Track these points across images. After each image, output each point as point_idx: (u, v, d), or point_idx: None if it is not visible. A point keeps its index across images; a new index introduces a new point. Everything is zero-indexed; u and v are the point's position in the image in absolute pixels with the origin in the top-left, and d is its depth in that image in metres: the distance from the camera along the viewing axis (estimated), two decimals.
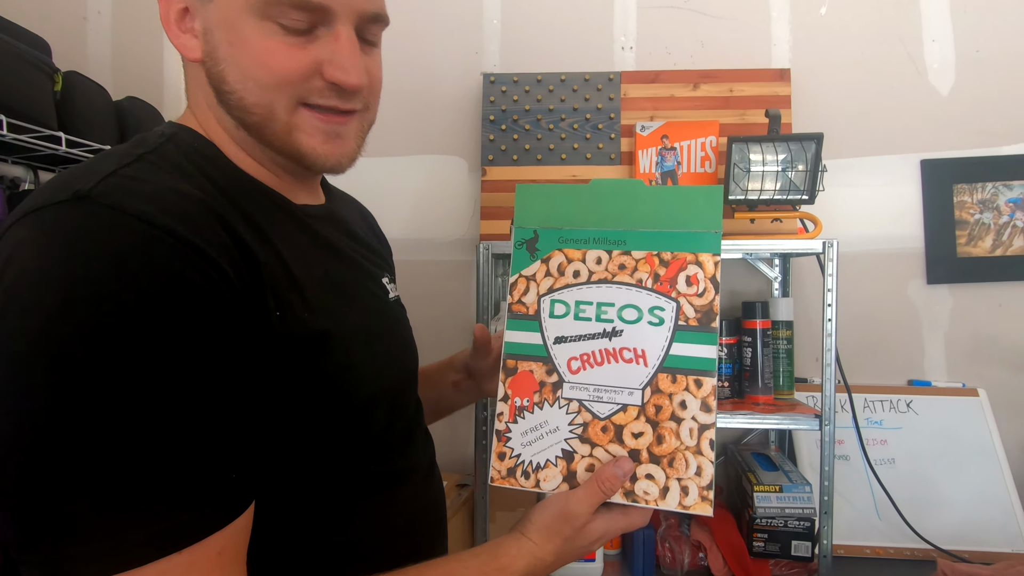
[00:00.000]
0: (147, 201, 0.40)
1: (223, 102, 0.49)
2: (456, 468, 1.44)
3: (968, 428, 1.29)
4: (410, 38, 1.48)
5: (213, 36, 0.47)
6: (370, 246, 0.66)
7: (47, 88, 0.92)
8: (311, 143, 0.50)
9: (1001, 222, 1.34)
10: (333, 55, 0.48)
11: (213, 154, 0.49)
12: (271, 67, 0.47)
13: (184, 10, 0.49)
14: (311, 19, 0.47)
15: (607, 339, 0.47)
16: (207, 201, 0.43)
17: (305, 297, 0.47)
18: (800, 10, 1.39)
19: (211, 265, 0.40)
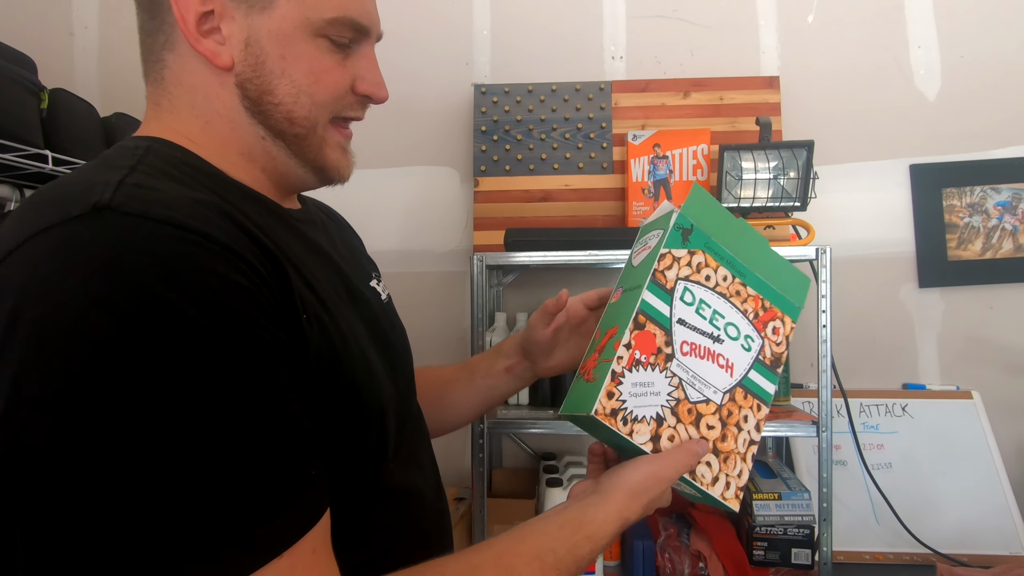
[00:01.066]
0: (170, 207, 0.38)
1: (260, 112, 0.49)
2: (452, 481, 1.43)
3: (963, 431, 1.30)
4: (401, 49, 1.48)
5: (260, 47, 0.47)
6: (353, 248, 0.66)
7: (33, 106, 0.91)
8: (334, 156, 0.53)
9: (990, 225, 1.36)
10: (365, 71, 0.52)
11: (198, 164, 0.48)
12: (327, 84, 0.49)
13: (207, 14, 0.47)
14: (352, 37, 0.50)
15: (711, 341, 0.55)
16: (220, 205, 0.42)
17: (321, 299, 0.47)
18: (787, 18, 1.41)
19: (250, 268, 0.39)
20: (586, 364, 0.55)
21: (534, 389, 1.27)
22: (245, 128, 0.50)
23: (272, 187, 0.53)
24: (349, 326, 0.49)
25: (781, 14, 1.41)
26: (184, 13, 0.46)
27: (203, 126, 0.49)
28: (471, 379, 0.75)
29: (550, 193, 1.38)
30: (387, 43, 1.66)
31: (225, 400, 0.36)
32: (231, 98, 0.49)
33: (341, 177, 0.55)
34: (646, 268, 0.55)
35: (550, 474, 1.24)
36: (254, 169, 0.51)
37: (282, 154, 0.51)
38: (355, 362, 0.48)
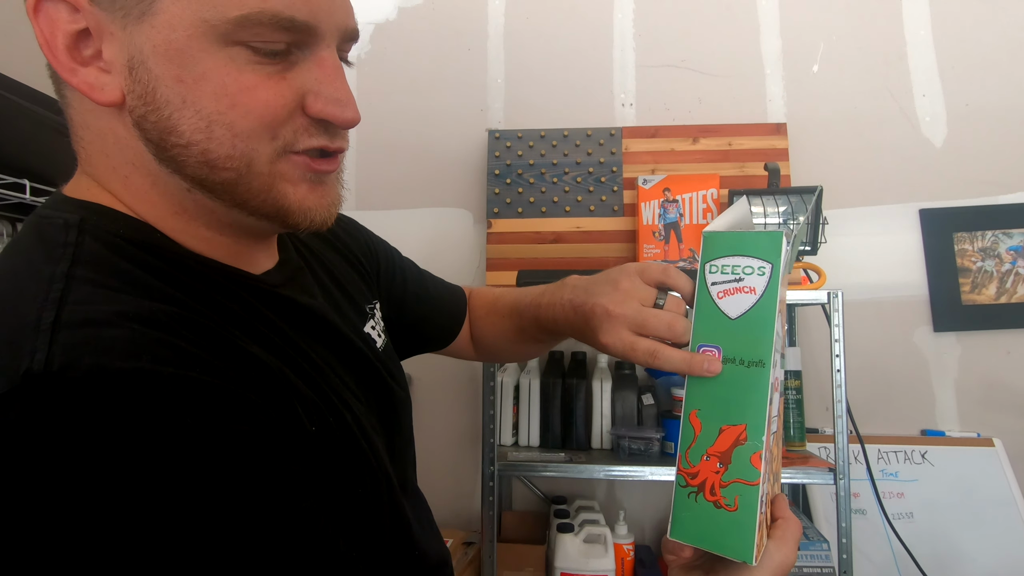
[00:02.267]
0: (130, 354, 0.30)
1: (169, 159, 0.36)
2: (461, 524, 1.41)
3: (986, 479, 1.26)
4: (418, 96, 1.54)
5: (147, 70, 0.35)
6: (341, 282, 0.56)
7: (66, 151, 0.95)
8: (297, 195, 0.39)
9: (1004, 270, 1.35)
10: (319, 84, 0.38)
11: (148, 239, 0.38)
12: (250, 107, 0.36)
13: (80, 33, 0.35)
14: (290, 40, 0.36)
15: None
16: (181, 315, 0.34)
17: (315, 391, 0.42)
18: (792, 68, 1.45)
19: (241, 403, 0.33)
20: (699, 471, 0.42)
21: (544, 431, 1.27)
22: (165, 180, 0.38)
23: (230, 242, 0.41)
24: (355, 410, 0.45)
25: (786, 64, 1.45)
26: (49, 36, 0.35)
27: (124, 182, 0.38)
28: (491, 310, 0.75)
29: (562, 235, 1.41)
30: (405, 90, 1.73)
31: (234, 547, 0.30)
32: (137, 143, 0.37)
33: (311, 221, 0.40)
34: (764, 333, 0.42)
35: (561, 519, 1.22)
36: (197, 228, 0.40)
37: (220, 206, 0.39)
38: (361, 454, 0.43)
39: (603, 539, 1.17)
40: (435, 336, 0.76)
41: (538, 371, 1.33)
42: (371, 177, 1.54)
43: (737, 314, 0.43)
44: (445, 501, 1.43)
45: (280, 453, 0.34)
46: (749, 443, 0.41)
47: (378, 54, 1.56)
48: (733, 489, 0.41)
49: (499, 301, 0.74)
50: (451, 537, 1.29)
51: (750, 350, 0.42)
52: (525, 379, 1.29)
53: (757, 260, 0.43)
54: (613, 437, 1.23)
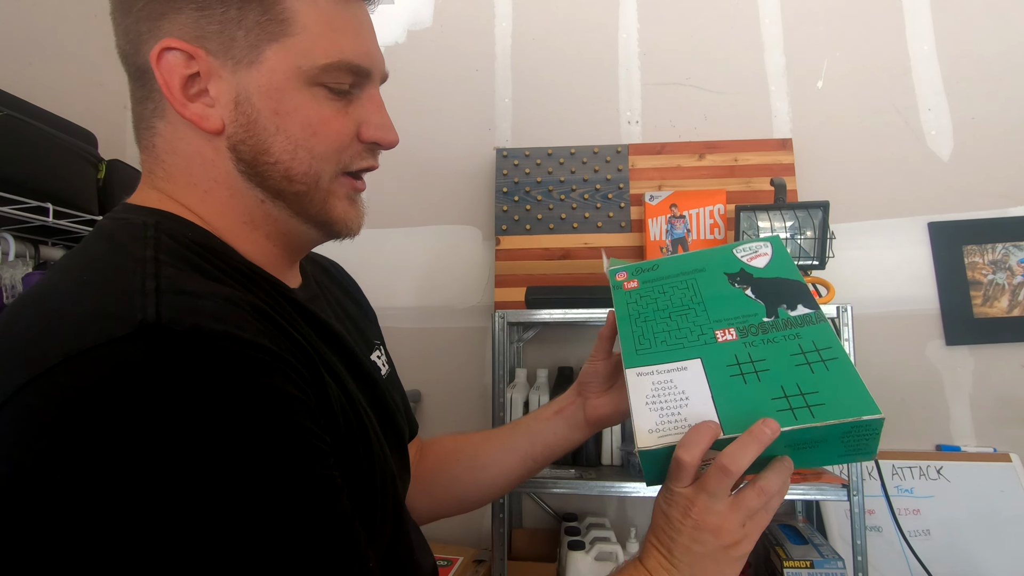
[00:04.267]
0: (220, 319, 0.36)
1: (256, 174, 0.45)
2: (471, 542, 1.40)
3: (1003, 495, 1.24)
4: (427, 115, 1.57)
5: (250, 105, 0.44)
6: (352, 316, 0.62)
7: (91, 176, 0.99)
8: (342, 208, 0.49)
9: (1015, 282, 1.34)
10: (370, 116, 0.48)
11: (211, 244, 0.45)
12: (326, 135, 0.46)
13: (192, 77, 0.44)
14: (352, 82, 0.47)
15: None
16: (254, 303, 0.40)
17: (344, 392, 0.46)
18: (797, 84, 1.46)
19: (299, 376, 0.38)
20: None
21: None
22: (244, 194, 0.46)
23: (278, 254, 0.50)
24: (367, 417, 0.48)
25: (791, 80, 1.46)
26: (168, 79, 0.43)
27: (202, 196, 0.46)
28: (515, 429, 0.68)
29: (570, 251, 1.42)
30: (415, 110, 1.77)
31: (297, 526, 0.35)
32: (226, 163, 0.45)
33: (349, 231, 0.50)
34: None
35: (572, 536, 1.22)
36: (259, 237, 0.48)
37: (283, 214, 0.48)
38: (375, 458, 0.46)
39: (615, 556, 1.17)
40: None
41: (548, 387, 1.33)
42: (382, 195, 1.56)
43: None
44: (455, 518, 1.41)
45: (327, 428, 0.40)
46: None
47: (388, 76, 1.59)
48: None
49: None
50: (461, 555, 1.29)
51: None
52: (534, 395, 1.30)
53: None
54: (623, 453, 1.23)
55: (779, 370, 0.49)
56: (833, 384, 0.47)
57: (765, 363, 0.50)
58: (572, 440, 0.66)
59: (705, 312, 0.56)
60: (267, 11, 0.43)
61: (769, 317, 0.53)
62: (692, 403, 0.50)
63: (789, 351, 0.50)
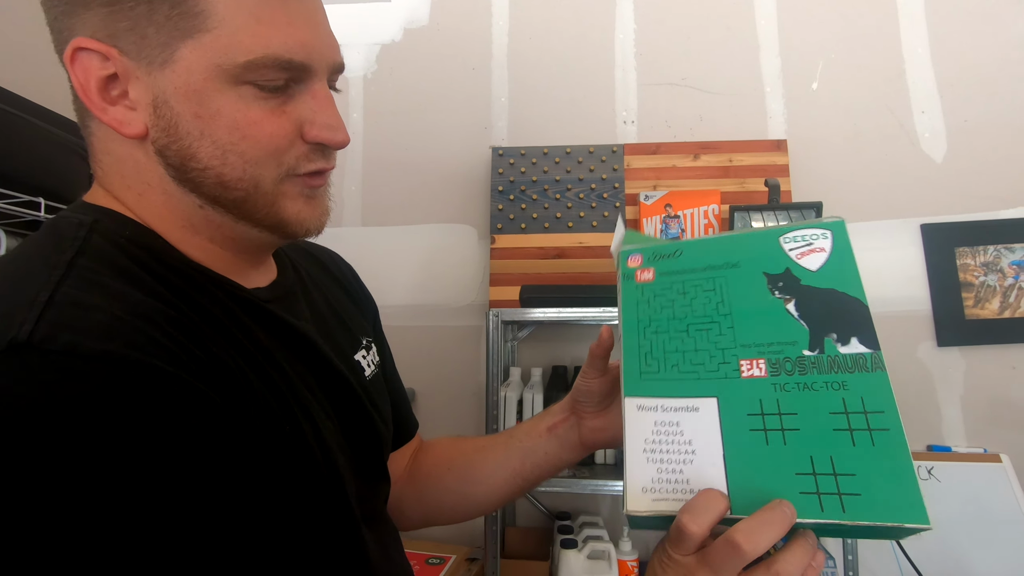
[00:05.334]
0: (105, 336, 0.33)
1: (188, 180, 0.42)
2: (464, 540, 1.40)
3: (994, 496, 1.25)
4: (423, 115, 1.57)
5: (169, 108, 0.41)
6: (342, 310, 0.59)
7: (83, 171, 0.98)
8: (295, 208, 0.45)
9: (1006, 284, 1.35)
10: (314, 114, 0.44)
11: (152, 243, 0.43)
12: (257, 138, 0.42)
13: (110, 78, 0.41)
14: (288, 77, 0.42)
15: None
16: (163, 310, 0.38)
17: (282, 401, 0.43)
18: (792, 86, 1.47)
19: (194, 396, 0.36)
20: None
21: None
22: (179, 198, 0.43)
23: (229, 256, 0.47)
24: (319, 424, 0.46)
25: (786, 82, 1.47)
26: (83, 82, 0.40)
27: (137, 199, 0.44)
28: (508, 442, 0.63)
29: (565, 250, 1.42)
30: (411, 109, 1.76)
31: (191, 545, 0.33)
32: (156, 168, 0.43)
33: (307, 231, 0.46)
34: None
35: (564, 535, 1.22)
36: (201, 240, 0.45)
37: (226, 220, 0.44)
38: (314, 466, 0.44)
39: (607, 555, 1.17)
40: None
41: (541, 385, 1.33)
42: (377, 194, 1.56)
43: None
44: None
45: (226, 449, 0.37)
46: None
47: (384, 74, 1.59)
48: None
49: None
50: (454, 553, 1.29)
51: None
52: (528, 394, 1.30)
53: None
54: (617, 452, 1.23)
55: (812, 433, 0.39)
56: (877, 468, 0.37)
57: (796, 419, 0.40)
58: (565, 460, 0.61)
59: (732, 330, 0.45)
60: (178, 5, 0.39)
61: (812, 350, 0.42)
62: (698, 461, 0.41)
63: (829, 407, 0.40)
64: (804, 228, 0.47)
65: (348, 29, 1.62)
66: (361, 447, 0.53)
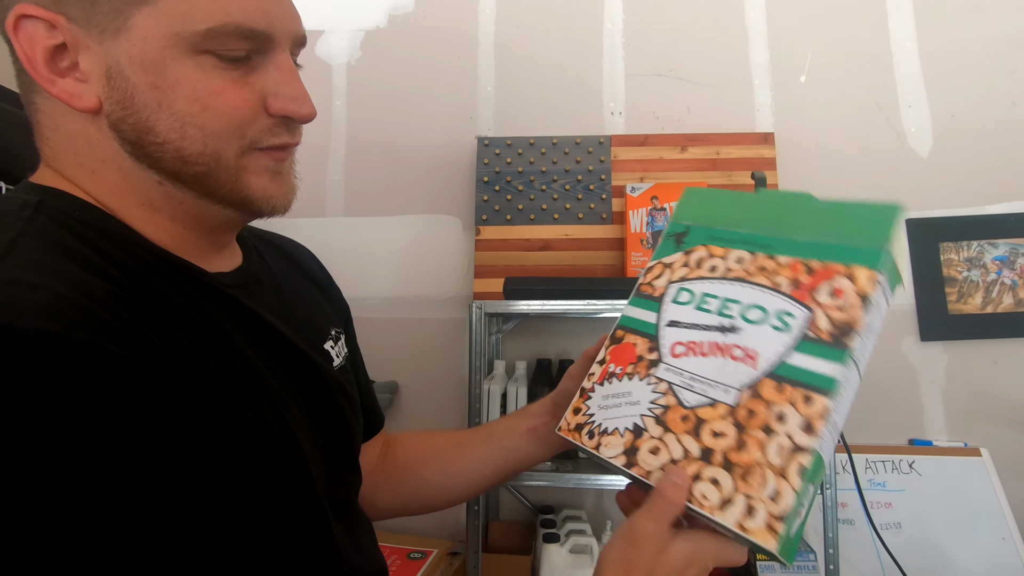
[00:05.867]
0: (48, 316, 0.31)
1: (145, 155, 0.40)
2: (447, 534, 1.39)
3: (973, 489, 1.26)
4: (408, 103, 1.54)
5: (124, 79, 0.39)
6: (306, 302, 0.57)
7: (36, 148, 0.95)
8: (259, 185, 0.43)
9: (989, 279, 1.36)
10: (278, 85, 0.42)
11: (101, 222, 0.40)
12: (219, 109, 0.40)
13: (58, 48, 0.38)
14: (250, 47, 0.41)
15: (721, 333, 0.45)
16: (113, 291, 0.36)
17: (243, 386, 0.42)
18: (780, 78, 1.46)
19: (142, 377, 0.34)
20: None
21: None
22: (137, 175, 0.41)
23: (190, 236, 0.45)
24: (282, 410, 0.44)
25: (774, 74, 1.46)
26: (28, 52, 0.38)
27: (91, 176, 0.41)
28: (488, 440, 0.65)
29: (550, 242, 1.40)
30: (395, 97, 1.73)
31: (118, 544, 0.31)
32: (111, 143, 0.41)
33: (273, 208, 0.45)
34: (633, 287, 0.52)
35: (547, 528, 1.21)
36: (162, 219, 0.43)
37: (187, 196, 0.43)
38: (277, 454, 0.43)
39: (589, 549, 1.16)
40: None
41: (526, 379, 1.32)
42: (360, 183, 1.53)
43: None
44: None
45: (177, 434, 0.35)
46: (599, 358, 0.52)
47: (368, 61, 1.56)
48: None
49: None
50: (436, 547, 1.27)
51: None
52: (512, 387, 1.28)
53: None
54: None
55: None
56: None
57: None
58: (544, 457, 0.63)
59: None
60: None
61: None
62: None
63: None
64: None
65: (331, 14, 1.58)
66: (330, 436, 0.52)
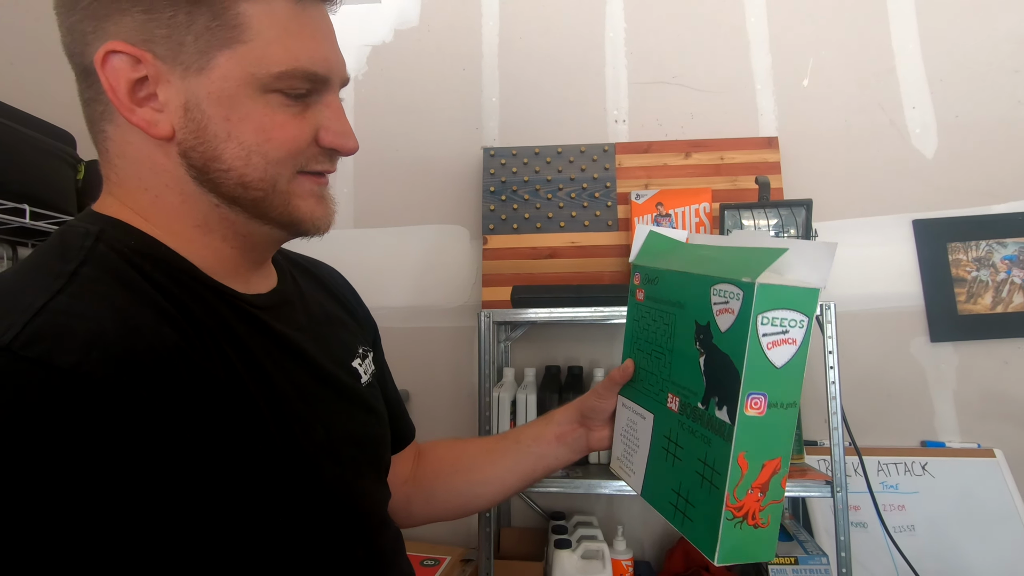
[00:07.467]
0: (86, 348, 0.34)
1: (209, 180, 0.45)
2: (459, 541, 1.40)
3: (987, 491, 1.25)
4: (414, 115, 1.57)
5: (201, 112, 0.43)
6: (335, 322, 0.61)
7: (69, 177, 0.98)
8: (307, 207, 0.48)
9: (999, 279, 1.35)
10: (329, 122, 0.48)
11: (152, 251, 0.44)
12: (281, 140, 0.45)
13: (140, 81, 0.43)
14: (310, 87, 0.46)
15: None
16: (155, 326, 0.38)
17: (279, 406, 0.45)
18: (783, 83, 1.47)
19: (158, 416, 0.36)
20: (744, 504, 0.47)
21: None
22: (197, 198, 0.46)
23: (236, 256, 0.49)
24: (309, 432, 0.47)
25: (777, 79, 1.47)
26: (114, 83, 0.42)
27: (153, 200, 0.45)
28: (516, 447, 0.69)
29: (556, 250, 1.42)
30: (402, 110, 1.76)
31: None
32: (177, 169, 0.45)
33: (317, 228, 0.49)
34: (798, 378, 0.47)
35: (559, 535, 1.22)
36: (213, 240, 0.47)
37: (241, 218, 0.47)
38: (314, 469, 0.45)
39: (601, 555, 1.17)
40: None
41: (535, 386, 1.33)
42: (369, 195, 1.56)
43: (782, 363, 0.47)
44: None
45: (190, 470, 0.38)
46: (782, 470, 0.48)
47: (375, 75, 1.59)
48: (768, 510, 0.48)
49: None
50: (449, 554, 1.28)
51: (788, 394, 0.47)
52: (522, 394, 1.30)
53: (800, 314, 0.46)
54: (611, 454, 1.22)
55: (686, 466, 0.51)
56: (702, 509, 0.49)
57: (682, 452, 0.52)
58: (571, 462, 0.69)
59: (669, 366, 0.54)
60: (217, 16, 0.42)
61: (703, 404, 0.50)
62: (638, 453, 0.57)
63: (698, 453, 0.50)
64: (729, 282, 0.48)
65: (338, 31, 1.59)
66: (358, 451, 0.54)
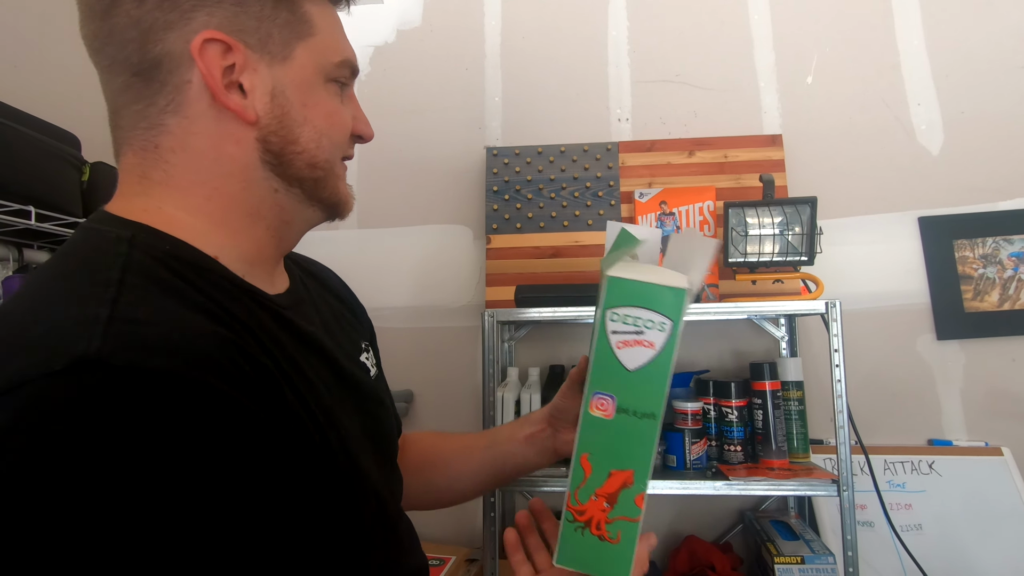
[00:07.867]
0: (167, 353, 0.35)
1: (281, 163, 0.47)
2: (463, 541, 1.40)
3: (996, 489, 1.24)
4: (417, 115, 1.57)
5: (285, 98, 0.47)
6: (341, 318, 0.63)
7: (74, 179, 0.98)
8: (344, 189, 0.54)
9: (1006, 276, 1.34)
10: (356, 111, 0.54)
11: (187, 255, 0.44)
12: (339, 125, 0.51)
13: (228, 68, 0.45)
14: (349, 77, 0.52)
15: None
16: (209, 326, 0.39)
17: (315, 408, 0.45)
18: (787, 80, 1.46)
19: (243, 414, 0.37)
20: (586, 509, 0.47)
21: None
22: (258, 184, 0.47)
23: (272, 246, 0.51)
24: (342, 431, 0.48)
25: (780, 76, 1.46)
26: (211, 68, 0.44)
27: (209, 194, 0.46)
28: (491, 446, 0.71)
29: (560, 249, 1.42)
30: (405, 109, 1.76)
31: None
32: (246, 155, 0.46)
33: (349, 209, 0.54)
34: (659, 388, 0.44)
35: None
36: (258, 229, 0.49)
37: (292, 201, 0.50)
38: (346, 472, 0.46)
39: None
40: None
41: (539, 385, 1.33)
42: (372, 195, 1.56)
43: (635, 366, 0.44)
44: (447, 518, 1.42)
45: (269, 467, 0.38)
46: (635, 486, 0.45)
47: (378, 76, 1.59)
48: (617, 525, 0.46)
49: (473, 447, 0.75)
50: (454, 554, 1.28)
51: (643, 403, 0.44)
52: (526, 394, 1.29)
53: (659, 316, 0.43)
54: None
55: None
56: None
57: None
58: (539, 465, 0.70)
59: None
60: (294, 12, 0.48)
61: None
62: None
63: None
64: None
65: None
66: (378, 444, 0.56)
